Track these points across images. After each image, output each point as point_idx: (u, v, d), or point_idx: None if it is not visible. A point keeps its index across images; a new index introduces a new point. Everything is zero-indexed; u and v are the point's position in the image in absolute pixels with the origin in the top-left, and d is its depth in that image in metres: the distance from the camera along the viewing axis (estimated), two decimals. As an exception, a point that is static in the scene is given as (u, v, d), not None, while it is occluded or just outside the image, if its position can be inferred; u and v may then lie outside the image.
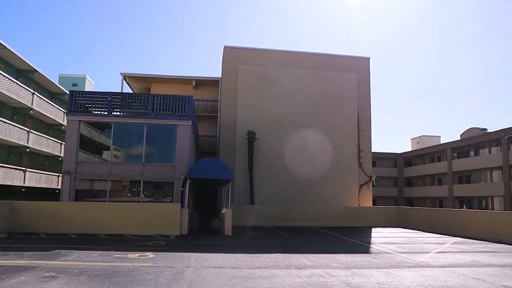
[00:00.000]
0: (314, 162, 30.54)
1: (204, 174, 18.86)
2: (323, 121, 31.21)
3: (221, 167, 19.08)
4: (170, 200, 21.04)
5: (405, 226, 27.87)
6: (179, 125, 21.66)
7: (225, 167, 19.23)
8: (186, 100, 22.08)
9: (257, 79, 31.06)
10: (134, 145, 22.04)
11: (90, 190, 21.48)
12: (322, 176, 30.47)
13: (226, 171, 19.02)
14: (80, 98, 21.75)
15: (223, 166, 19.25)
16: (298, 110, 30.94)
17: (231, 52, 31.64)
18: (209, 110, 34.27)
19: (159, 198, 21.66)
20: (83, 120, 21.41)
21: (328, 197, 30.20)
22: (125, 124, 21.84)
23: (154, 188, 21.80)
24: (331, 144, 31.03)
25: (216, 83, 34.63)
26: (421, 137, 66.27)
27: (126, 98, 22.02)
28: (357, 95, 32.29)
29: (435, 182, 59.36)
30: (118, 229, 18.02)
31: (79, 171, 20.93)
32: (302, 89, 31.37)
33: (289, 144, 30.30)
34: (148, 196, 21.52)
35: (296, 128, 30.69)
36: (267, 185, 29.34)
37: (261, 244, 16.84)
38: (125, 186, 21.67)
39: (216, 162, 19.87)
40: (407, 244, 17.18)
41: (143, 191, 21.18)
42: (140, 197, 21.00)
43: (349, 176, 31.11)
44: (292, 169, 30.05)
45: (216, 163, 19.54)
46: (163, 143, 22.18)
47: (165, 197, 21.54)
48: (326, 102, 31.51)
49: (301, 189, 29.92)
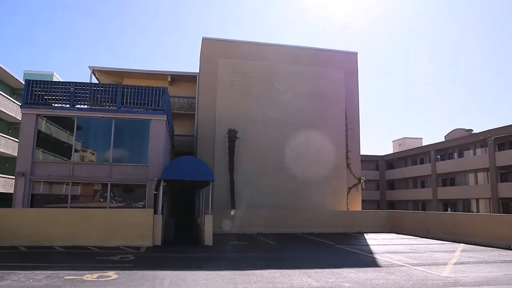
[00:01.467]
0: (301, 163, 28.34)
1: (180, 175, 16.34)
2: (309, 120, 29.07)
3: (200, 167, 16.58)
4: (142, 206, 18.42)
5: (397, 231, 26.06)
6: (152, 120, 19.09)
7: (205, 166, 16.74)
8: (160, 92, 19.53)
9: (238, 74, 28.71)
10: (101, 142, 19.34)
11: (49, 194, 18.64)
12: (308, 179, 28.29)
13: (206, 171, 16.55)
14: (38, 88, 18.90)
15: (202, 165, 16.75)
16: (282, 108, 28.73)
17: (210, 44, 29.20)
18: (186, 108, 31.75)
19: (130, 203, 18.98)
20: (41, 114, 18.61)
21: (315, 201, 28.04)
22: (90, 118, 19.12)
23: (124, 191, 19.14)
24: (318, 144, 28.92)
25: (193, 79, 32.15)
26: (403, 139, 65.16)
27: (91, 89, 19.28)
28: (345, 92, 30.32)
29: (418, 185, 58.18)
30: (79, 240, 15.33)
31: (35, 172, 18.10)
32: (287, 85, 29.18)
33: (273, 144, 28.03)
34: (117, 201, 18.83)
35: (281, 126, 28.46)
36: (249, 188, 26.95)
37: (249, 256, 14.39)
38: (90, 190, 18.91)
39: (195, 161, 17.31)
40: (415, 253, 15.07)
41: (111, 196, 18.49)
42: (108, 202, 18.28)
43: (337, 178, 29.04)
44: (277, 171, 27.79)
45: (195, 163, 16.99)
46: (134, 141, 19.56)
47: (137, 201, 18.91)
48: (312, 99, 29.40)
49: (286, 193, 27.66)
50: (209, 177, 16.51)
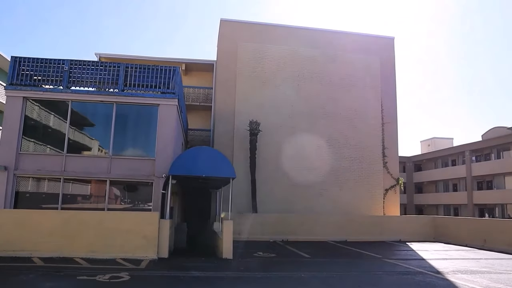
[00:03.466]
0: (331, 161, 24.88)
1: (193, 170, 13.05)
2: (340, 112, 25.58)
3: (219, 161, 13.25)
4: (147, 208, 15.21)
5: (443, 240, 22.38)
6: (161, 104, 15.88)
7: (224, 160, 13.40)
8: (171, 72, 16.34)
9: (261, 60, 25.38)
10: (99, 131, 16.20)
11: (36, 193, 15.52)
12: (340, 179, 24.82)
13: (226, 166, 13.22)
14: (27, 67, 15.89)
15: (221, 158, 13.39)
16: (310, 98, 25.30)
17: (229, 27, 25.94)
18: (201, 99, 28.60)
19: (134, 204, 15.78)
20: (30, 97, 15.57)
21: (347, 204, 24.53)
22: (87, 103, 15.99)
23: (126, 190, 15.95)
24: (350, 139, 25.42)
25: (210, 68, 29.05)
26: (432, 139, 60.89)
27: (89, 68, 16.18)
28: (380, 82, 26.74)
29: (449, 188, 53.93)
30: (66, 250, 12.17)
31: (21, 166, 15.06)
32: (315, 73, 25.74)
33: (300, 139, 24.61)
34: (117, 202, 15.66)
35: (309, 119, 25.03)
36: (272, 189, 23.59)
37: (286, 277, 10.91)
38: (85, 188, 15.76)
39: (212, 153, 13.83)
40: (496, 274, 11.50)
41: (110, 195, 15.32)
42: (106, 203, 15.09)
43: (372, 179, 25.47)
44: (304, 170, 24.37)
45: (212, 155, 13.55)
46: (138, 130, 16.38)
47: (141, 203, 15.71)
48: (343, 89, 25.90)
49: (315, 195, 24.23)
50: (229, 173, 13.17)
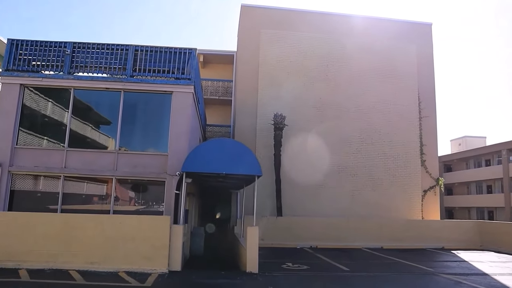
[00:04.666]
0: (363, 159, 22.51)
1: (211, 166, 10.96)
2: (373, 105, 23.18)
3: (242, 155, 11.11)
4: (158, 211, 13.20)
5: (493, 248, 19.92)
6: (174, 92, 13.85)
7: (248, 153, 11.24)
8: (186, 55, 14.27)
9: (286, 49, 23.17)
10: (104, 122, 14.29)
11: (34, 192, 13.66)
12: (373, 178, 22.43)
13: (250, 161, 11.06)
14: (25, 51, 14.08)
15: (245, 152, 11.24)
16: (340, 90, 22.99)
17: (251, 13, 23.79)
18: (221, 93, 26.64)
19: (147, 206, 13.78)
20: (28, 84, 13.78)
21: (381, 207, 22.11)
22: (91, 90, 14.06)
23: (134, 190, 13.96)
24: (384, 134, 22.99)
25: (229, 59, 27.13)
26: (463, 138, 57.58)
27: (94, 52, 14.25)
28: (417, 72, 24.22)
29: (483, 190, 50.64)
30: (60, 260, 10.24)
31: (17, 162, 13.25)
32: (345, 63, 23.40)
33: (329, 134, 22.32)
34: (124, 203, 13.69)
35: (338, 112, 22.72)
36: (298, 189, 21.36)
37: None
38: (88, 187, 13.82)
39: (233, 146, 11.62)
40: None
41: (116, 195, 13.35)
42: (111, 204, 13.14)
43: (409, 179, 22.96)
44: (333, 168, 22.09)
45: (234, 148, 11.36)
46: (149, 121, 14.37)
47: (152, 204, 13.72)
48: (377, 80, 23.47)
49: (345, 196, 21.91)
50: (255, 170, 11.01)
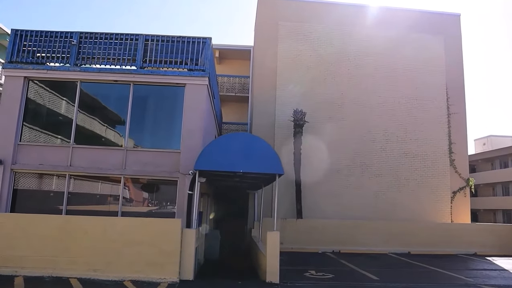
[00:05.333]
0: (388, 158, 21.16)
1: (227, 164, 9.88)
2: (398, 100, 21.80)
3: (262, 151, 9.98)
4: (171, 212, 12.17)
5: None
6: (188, 84, 12.82)
7: (268, 150, 10.09)
8: (200, 45, 13.23)
9: (306, 42, 21.95)
10: (113, 117, 13.35)
11: (38, 191, 12.77)
12: (399, 179, 21.05)
13: (271, 158, 9.93)
14: (29, 41, 13.23)
15: (264, 148, 10.10)
16: (363, 85, 21.67)
17: (269, 4, 22.60)
18: (237, 89, 25.56)
19: (159, 207, 12.78)
20: (32, 77, 12.95)
21: (408, 209, 20.73)
22: (98, 83, 13.14)
23: (144, 190, 12.96)
24: (411, 133, 21.58)
25: (246, 55, 26.05)
26: (488, 137, 55.48)
27: (102, 42, 13.31)
28: (445, 66, 22.75)
29: (509, 192, 48.54)
30: (59, 267, 9.28)
31: (20, 159, 12.41)
32: (369, 56, 22.05)
33: (351, 132, 21.05)
34: (133, 204, 12.70)
35: (361, 109, 21.40)
36: (319, 190, 20.12)
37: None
38: (95, 187, 12.87)
39: (252, 142, 10.39)
40: None
41: (124, 196, 12.38)
42: (120, 205, 12.16)
43: (437, 179, 21.48)
44: (356, 168, 20.81)
45: (252, 143, 10.18)
46: (160, 116, 13.35)
47: (163, 206, 12.72)
48: (403, 74, 22.08)
49: (369, 198, 20.59)
50: (275, 168, 9.87)
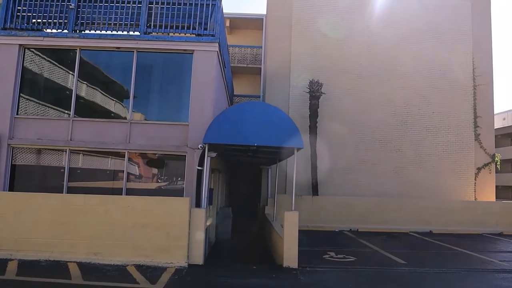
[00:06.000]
0: (409, 132, 19.97)
1: (239, 136, 8.87)
2: (421, 71, 20.41)
3: (279, 122, 8.91)
4: (179, 189, 11.28)
5: None
6: (196, 51, 11.70)
7: (286, 120, 9.01)
8: (209, 8, 12.05)
9: (322, 8, 20.54)
10: (115, 88, 12.37)
11: (37, 167, 11.94)
12: (420, 154, 19.90)
13: (289, 130, 8.86)
14: (24, 6, 12.17)
15: (282, 119, 9.02)
16: (383, 54, 20.30)
17: (282, -32, 21.18)
18: (249, 60, 24.33)
19: (166, 184, 11.89)
20: (28, 45, 11.94)
21: (429, 186, 19.64)
22: (99, 51, 12.10)
23: (150, 166, 12.05)
24: (433, 105, 20.28)
25: (258, 24, 24.68)
26: (508, 111, 53.61)
27: (102, 5, 12.18)
28: (472, 34, 21.18)
29: (530, 168, 47.08)
30: (58, 251, 8.47)
31: (17, 134, 11.55)
32: (389, 23, 20.60)
33: (370, 104, 19.84)
34: (138, 181, 11.82)
35: (381, 80, 20.11)
36: (336, 166, 19.10)
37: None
38: (98, 162, 12.00)
39: (267, 111, 9.23)
40: None
41: (129, 172, 11.49)
42: (124, 181, 11.29)
43: (461, 155, 20.28)
44: (375, 143, 19.69)
45: (267, 113, 9.08)
46: (167, 86, 12.31)
47: (171, 182, 11.83)
48: (425, 42, 20.58)
49: (389, 174, 19.53)
50: (294, 142, 8.81)
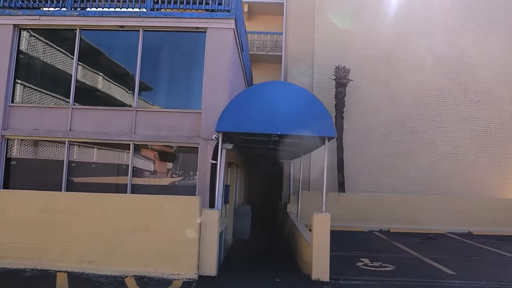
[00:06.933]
0: (443, 124, 18.20)
1: (259, 123, 7.42)
2: (456, 57, 18.45)
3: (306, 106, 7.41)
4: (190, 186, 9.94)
5: None
6: (209, 29, 10.29)
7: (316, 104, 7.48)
8: (223, -20, 10.63)
9: (347, -11, 18.96)
10: (119, 72, 11.07)
11: (34, 160, 10.75)
12: (457, 148, 18.11)
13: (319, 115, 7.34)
14: (20, -18, 11.00)
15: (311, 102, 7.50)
16: (414, 38, 18.51)
17: None
18: (269, 48, 22.87)
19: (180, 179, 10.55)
20: (23, 25, 10.76)
21: (466, 182, 17.77)
22: (101, 31, 10.82)
23: (158, 159, 10.73)
24: (471, 93, 18.41)
25: (279, 9, 23.10)
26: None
27: (105, -21, 10.91)
28: (514, 15, 19.23)
29: None
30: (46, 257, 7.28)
31: (12, 124, 10.39)
32: (423, 6, 18.76)
33: (401, 92, 18.09)
34: (145, 176, 10.52)
35: (414, 65, 18.31)
36: (364, 159, 17.54)
37: None
38: (100, 155, 10.74)
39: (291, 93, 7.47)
40: None
41: (134, 167, 10.19)
42: (129, 177, 10.01)
43: (502, 148, 18.29)
44: (406, 134, 17.99)
45: (291, 95, 7.40)
46: (176, 69, 10.91)
47: (181, 178, 10.51)
48: (461, 24, 18.57)
49: (421, 168, 17.78)
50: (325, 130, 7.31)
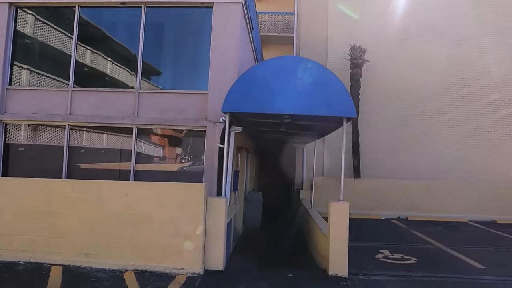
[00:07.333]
0: (464, 106, 17.24)
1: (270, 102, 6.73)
2: (478, 37, 17.29)
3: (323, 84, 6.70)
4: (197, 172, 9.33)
5: None
6: (216, 3, 9.55)
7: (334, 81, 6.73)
8: (231, -49, 9.85)
9: (362, -36, 17.95)
10: (121, 52, 10.41)
11: (33, 146, 10.22)
12: (478, 131, 17.19)
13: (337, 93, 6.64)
14: (16, -43, 10.36)
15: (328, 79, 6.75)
16: (433, 17, 17.47)
17: None
18: (280, 29, 22.12)
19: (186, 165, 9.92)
20: (19, 3, 10.15)
21: (488, 167, 16.87)
22: (102, 8, 10.17)
23: (163, 143, 10.12)
24: (494, 75, 17.34)
25: (290, -13, 22.28)
26: None
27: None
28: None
29: None
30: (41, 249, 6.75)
31: (9, 108, 9.87)
32: (442, -20, 17.79)
33: (419, 74, 17.17)
34: (149, 161, 9.91)
35: (431, 47, 17.30)
36: (380, 144, 16.73)
37: None
38: (102, 140, 10.17)
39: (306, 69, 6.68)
40: None
41: (138, 152, 9.59)
42: (132, 163, 9.42)
43: (527, 131, 17.50)
44: (425, 117, 17.09)
45: (306, 72, 6.63)
46: (182, 47, 10.23)
47: (187, 164, 9.89)
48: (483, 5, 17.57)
49: (440, 152, 16.94)
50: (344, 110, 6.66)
